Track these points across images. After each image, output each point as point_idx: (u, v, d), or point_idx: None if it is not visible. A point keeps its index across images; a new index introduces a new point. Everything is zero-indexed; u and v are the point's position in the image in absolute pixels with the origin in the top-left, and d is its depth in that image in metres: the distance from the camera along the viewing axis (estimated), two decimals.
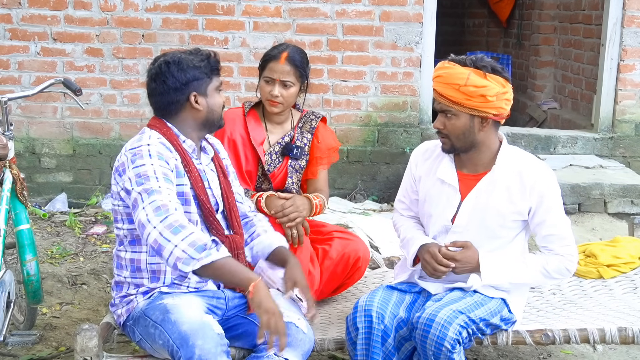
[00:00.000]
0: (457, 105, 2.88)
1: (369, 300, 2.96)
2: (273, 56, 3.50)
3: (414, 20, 5.87)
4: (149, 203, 2.64)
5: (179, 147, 2.84)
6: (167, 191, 2.68)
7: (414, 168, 3.18)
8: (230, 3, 5.80)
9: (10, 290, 3.46)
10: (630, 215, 5.15)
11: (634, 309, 3.42)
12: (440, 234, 3.07)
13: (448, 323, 2.78)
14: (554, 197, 2.97)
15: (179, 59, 2.85)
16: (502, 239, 3.01)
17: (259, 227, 3.08)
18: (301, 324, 2.80)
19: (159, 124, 2.89)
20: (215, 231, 2.86)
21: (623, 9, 6.01)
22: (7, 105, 3.65)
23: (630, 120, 6.15)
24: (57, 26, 5.77)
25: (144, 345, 2.84)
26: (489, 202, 2.97)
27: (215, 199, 2.93)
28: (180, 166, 2.82)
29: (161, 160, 2.74)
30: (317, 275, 3.48)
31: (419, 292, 3.09)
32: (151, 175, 2.69)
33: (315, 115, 3.70)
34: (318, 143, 3.66)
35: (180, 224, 2.61)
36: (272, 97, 3.48)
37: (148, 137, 2.82)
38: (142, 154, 2.74)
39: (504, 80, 2.88)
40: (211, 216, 2.85)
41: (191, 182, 2.82)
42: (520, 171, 2.96)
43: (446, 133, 2.94)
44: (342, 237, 3.62)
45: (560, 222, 2.98)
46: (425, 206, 3.11)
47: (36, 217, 5.43)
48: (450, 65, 2.90)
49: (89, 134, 5.91)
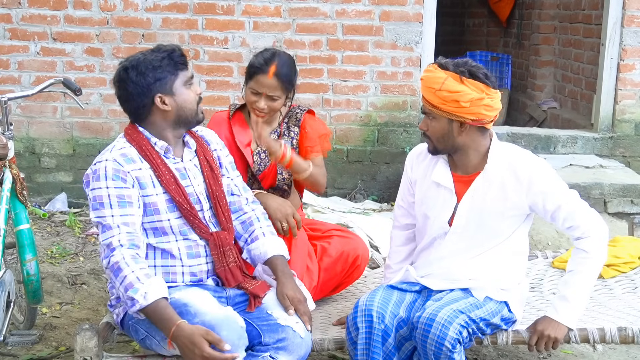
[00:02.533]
0: (435, 108, 2.89)
1: (369, 300, 2.96)
2: (260, 69, 3.42)
3: (413, 20, 5.86)
4: (102, 239, 2.76)
5: (147, 153, 2.83)
6: (118, 220, 2.73)
7: (410, 171, 3.19)
8: (230, 3, 5.79)
9: (10, 290, 3.46)
10: (630, 215, 5.14)
11: (633, 309, 3.42)
12: (439, 236, 3.06)
13: (448, 323, 2.78)
14: (554, 183, 2.97)
15: (137, 62, 2.81)
16: (501, 235, 3.01)
17: (257, 229, 3.04)
18: (298, 328, 2.79)
19: (130, 130, 2.89)
20: (199, 230, 2.86)
21: (623, 8, 6.01)
22: (7, 105, 3.65)
23: (630, 120, 6.15)
24: (57, 26, 5.77)
25: (150, 342, 2.82)
26: (485, 201, 2.97)
27: (198, 196, 2.90)
28: (149, 174, 2.81)
29: (116, 181, 2.75)
30: (315, 270, 3.46)
31: (419, 291, 3.09)
32: (105, 201, 2.75)
33: (301, 108, 3.65)
34: (306, 132, 3.61)
35: (118, 267, 2.67)
36: (258, 109, 3.47)
37: (111, 149, 2.83)
38: (99, 175, 2.77)
39: (484, 86, 2.85)
40: (191, 216, 2.84)
41: (164, 187, 2.81)
42: (514, 167, 2.96)
43: (429, 135, 2.97)
44: (341, 236, 3.61)
45: (572, 199, 2.97)
46: (422, 209, 3.11)
47: (36, 217, 5.43)
48: (433, 68, 2.91)
49: (89, 134, 5.91)
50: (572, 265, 3.01)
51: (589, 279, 2.99)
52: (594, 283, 3.05)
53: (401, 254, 3.27)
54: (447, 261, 3.05)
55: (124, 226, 2.74)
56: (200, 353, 2.55)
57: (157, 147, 2.86)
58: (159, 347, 2.80)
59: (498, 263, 3.03)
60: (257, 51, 3.69)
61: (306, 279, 3.36)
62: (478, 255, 3.02)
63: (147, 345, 2.86)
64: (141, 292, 2.62)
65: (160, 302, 2.64)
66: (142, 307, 2.63)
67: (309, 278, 3.41)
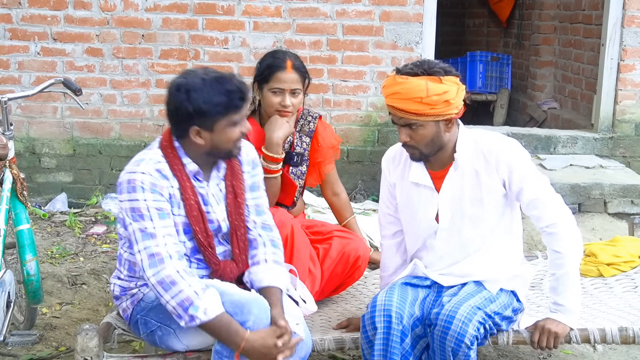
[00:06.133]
0: (422, 116, 2.84)
1: (387, 299, 2.92)
2: (278, 66, 3.43)
3: (414, 20, 5.87)
4: (144, 248, 2.65)
5: (178, 173, 2.74)
6: (161, 232, 2.65)
7: (388, 175, 3.17)
8: (230, 3, 5.80)
9: (10, 290, 3.46)
10: (630, 215, 5.15)
11: (634, 308, 3.42)
12: (429, 236, 3.06)
13: (468, 320, 2.79)
14: (522, 163, 2.93)
15: (193, 87, 2.64)
16: (486, 222, 2.99)
17: (260, 254, 2.91)
18: (299, 330, 2.77)
19: (167, 142, 2.77)
20: (209, 260, 2.82)
21: (623, 8, 6.00)
22: (7, 105, 3.65)
23: (631, 120, 6.14)
24: (57, 26, 5.77)
25: (162, 333, 2.79)
26: (462, 190, 2.97)
27: (219, 222, 2.84)
28: (177, 194, 2.73)
29: (155, 194, 2.67)
30: (318, 275, 3.47)
31: (430, 286, 3.08)
32: (145, 213, 2.65)
33: (312, 116, 3.66)
34: (318, 146, 3.64)
35: (171, 280, 2.61)
36: (283, 107, 3.44)
37: (148, 161, 2.72)
38: (136, 187, 2.66)
39: (455, 77, 2.87)
40: (203, 246, 2.79)
41: (186, 211, 2.75)
42: (482, 149, 2.95)
43: (413, 144, 2.92)
44: (341, 237, 3.62)
45: (538, 184, 2.93)
46: (406, 211, 3.11)
47: (36, 217, 5.43)
48: (403, 79, 2.83)
49: (89, 134, 5.91)
50: (552, 267, 3.01)
51: (572, 277, 2.97)
52: (578, 276, 3.02)
53: (394, 264, 3.25)
54: (447, 261, 3.05)
55: (169, 237, 2.67)
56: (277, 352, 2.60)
57: (187, 169, 2.76)
58: (173, 337, 2.78)
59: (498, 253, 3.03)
60: (257, 51, 3.70)
61: (308, 283, 3.36)
62: (476, 252, 3.02)
63: (156, 338, 2.82)
64: (202, 309, 2.59)
65: (223, 316, 2.61)
66: (202, 323, 2.61)
67: (311, 283, 3.41)
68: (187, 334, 2.75)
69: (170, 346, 2.83)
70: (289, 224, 3.39)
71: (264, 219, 2.95)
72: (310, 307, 3.10)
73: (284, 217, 3.42)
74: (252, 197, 2.94)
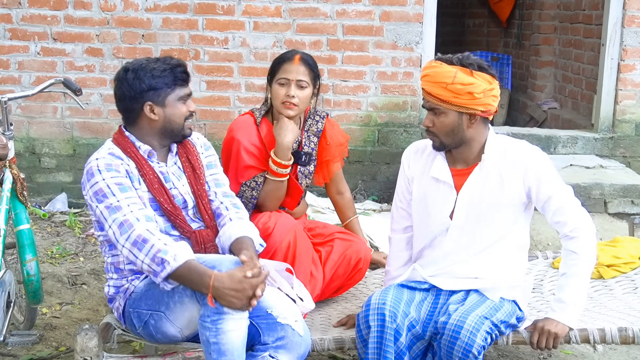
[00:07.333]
0: (445, 103, 2.91)
1: (381, 298, 2.95)
2: (287, 58, 3.47)
3: (414, 20, 5.87)
4: (112, 221, 2.77)
5: (132, 154, 2.92)
6: (125, 202, 2.78)
7: (407, 169, 3.19)
8: (230, 3, 5.79)
9: (10, 290, 3.46)
10: (631, 215, 5.15)
11: (634, 309, 3.42)
12: (440, 233, 3.07)
13: (476, 330, 2.81)
14: (550, 173, 3.00)
15: (138, 66, 2.90)
16: (500, 228, 3.01)
17: (225, 217, 3.03)
18: (298, 327, 2.79)
19: (117, 134, 3.00)
20: (181, 229, 2.93)
21: (623, 8, 6.00)
22: (7, 105, 3.65)
23: (631, 120, 6.14)
24: (57, 26, 5.77)
25: (154, 321, 2.82)
26: (483, 192, 2.99)
27: (183, 196, 2.98)
28: (135, 171, 2.90)
29: (111, 172, 2.84)
30: (320, 278, 3.47)
31: (428, 289, 3.09)
32: (107, 191, 2.81)
33: (320, 115, 3.66)
34: (327, 145, 3.63)
35: (143, 238, 2.72)
36: (288, 97, 3.43)
37: (100, 151, 2.92)
38: (93, 171, 2.84)
39: (491, 77, 2.91)
40: (172, 215, 2.91)
41: (147, 186, 2.89)
42: (510, 156, 2.99)
43: (434, 131, 2.97)
44: (343, 239, 3.62)
45: (565, 193, 3.01)
46: (422, 206, 3.12)
47: (36, 217, 5.43)
48: (437, 64, 2.94)
49: (89, 134, 5.91)
50: (564, 268, 3.03)
51: (583, 279, 3.00)
52: (589, 282, 3.06)
53: (402, 259, 3.27)
54: (451, 259, 3.06)
55: (134, 205, 2.80)
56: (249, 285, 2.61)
57: (141, 151, 2.95)
58: (165, 320, 2.81)
59: (502, 259, 3.04)
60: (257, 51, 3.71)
61: (309, 286, 3.36)
62: (481, 252, 3.03)
63: (150, 328, 2.85)
64: (171, 254, 2.67)
65: (192, 262, 2.68)
66: (173, 270, 2.66)
67: (313, 285, 3.41)
68: (175, 312, 2.78)
69: (165, 333, 2.85)
70: (292, 230, 3.39)
71: (223, 190, 3.12)
72: (307, 305, 3.11)
73: (287, 222, 3.41)
74: (209, 173, 3.11)
